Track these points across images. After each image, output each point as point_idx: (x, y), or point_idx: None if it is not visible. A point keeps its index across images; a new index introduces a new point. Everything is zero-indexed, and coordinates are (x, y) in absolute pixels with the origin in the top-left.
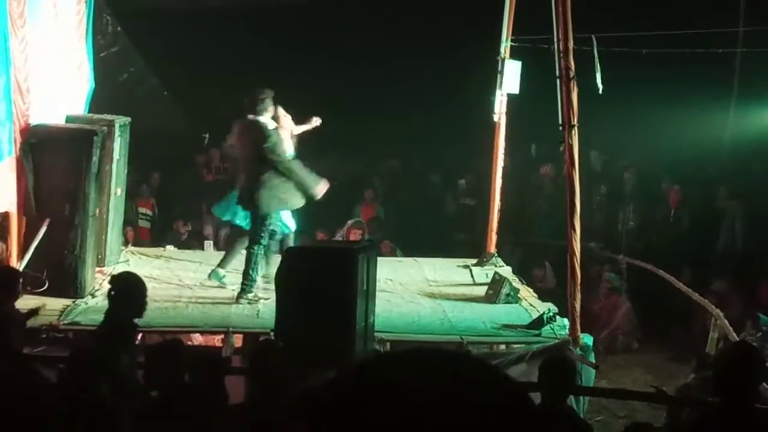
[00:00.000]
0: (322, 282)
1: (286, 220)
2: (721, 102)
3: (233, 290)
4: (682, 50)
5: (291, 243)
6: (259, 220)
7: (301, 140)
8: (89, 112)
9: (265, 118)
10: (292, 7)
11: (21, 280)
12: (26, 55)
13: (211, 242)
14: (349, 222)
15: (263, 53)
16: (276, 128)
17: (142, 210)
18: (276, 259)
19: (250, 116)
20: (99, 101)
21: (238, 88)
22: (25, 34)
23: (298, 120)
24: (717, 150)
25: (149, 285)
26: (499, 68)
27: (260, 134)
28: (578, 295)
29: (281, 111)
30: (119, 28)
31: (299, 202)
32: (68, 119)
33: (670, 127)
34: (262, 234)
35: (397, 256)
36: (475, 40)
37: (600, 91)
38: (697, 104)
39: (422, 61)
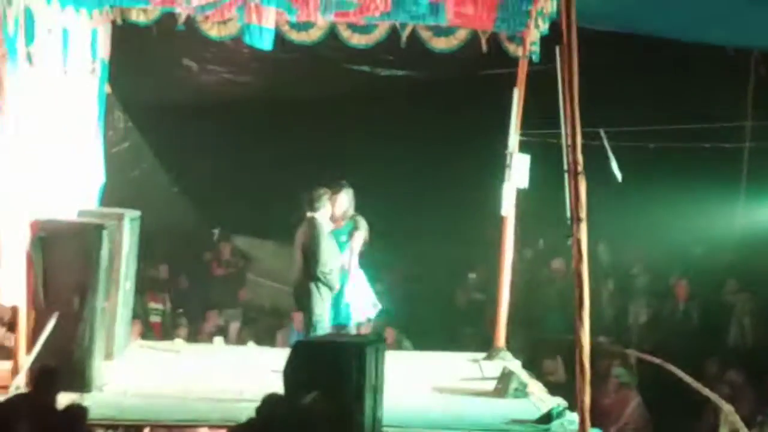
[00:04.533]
0: (330, 377)
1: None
2: (730, 195)
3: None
4: (689, 144)
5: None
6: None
7: None
8: (101, 206)
9: (321, 216)
10: (298, 101)
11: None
12: (36, 149)
13: (222, 337)
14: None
15: (270, 147)
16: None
17: (153, 305)
18: None
19: (308, 213)
20: (110, 196)
21: (246, 181)
22: (36, 129)
23: None
24: (726, 243)
25: (158, 379)
26: (508, 162)
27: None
28: (587, 390)
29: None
30: (130, 124)
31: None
32: (80, 214)
33: (679, 220)
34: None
35: (403, 345)
36: (484, 133)
37: (619, 180)
38: (706, 198)
39: (430, 155)
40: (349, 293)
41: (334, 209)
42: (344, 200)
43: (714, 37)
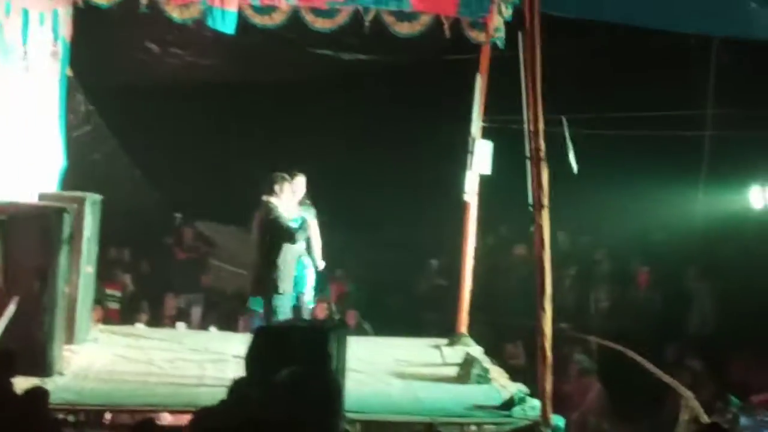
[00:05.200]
0: (292, 362)
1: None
2: (692, 183)
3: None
4: (652, 133)
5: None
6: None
7: None
8: (61, 190)
9: (277, 200)
10: (263, 84)
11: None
12: None
13: (184, 322)
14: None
15: (233, 130)
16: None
17: (110, 291)
18: None
19: (264, 197)
20: (71, 180)
21: (209, 166)
22: None
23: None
24: (687, 231)
25: (119, 363)
26: (470, 148)
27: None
28: (549, 377)
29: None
30: (91, 107)
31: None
32: (41, 197)
33: (640, 208)
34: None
35: (365, 329)
36: (448, 119)
37: (575, 171)
38: (668, 186)
39: (393, 140)
40: (309, 279)
41: (294, 194)
42: (302, 186)
43: (676, 25)
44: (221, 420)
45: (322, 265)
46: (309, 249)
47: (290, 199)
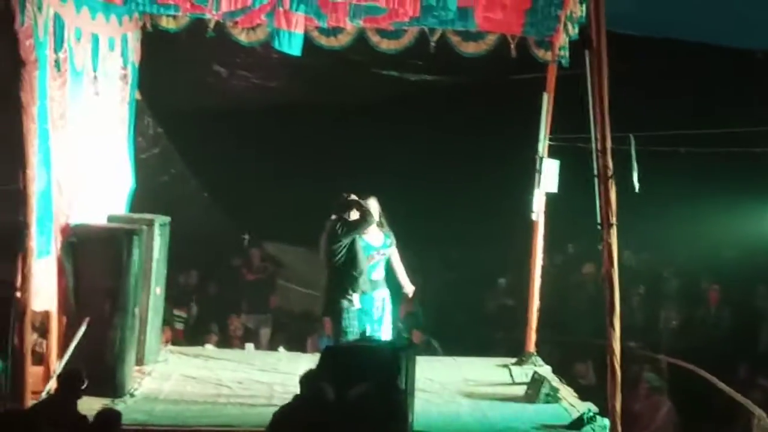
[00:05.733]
0: (361, 381)
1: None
2: (762, 200)
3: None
4: (721, 149)
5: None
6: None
7: None
8: (130, 212)
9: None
10: (328, 106)
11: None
12: (67, 154)
13: (252, 343)
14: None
15: (300, 152)
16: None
17: (177, 312)
18: None
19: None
20: (140, 202)
21: (276, 187)
22: (67, 133)
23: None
24: (758, 248)
25: (188, 384)
26: (537, 167)
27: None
28: (618, 395)
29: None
30: (160, 129)
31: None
32: (110, 219)
33: (711, 225)
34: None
35: (434, 348)
36: (514, 138)
37: (636, 190)
38: (738, 202)
39: (460, 161)
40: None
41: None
42: (374, 208)
43: (743, 42)
44: (298, 415)
45: (410, 288)
46: (389, 277)
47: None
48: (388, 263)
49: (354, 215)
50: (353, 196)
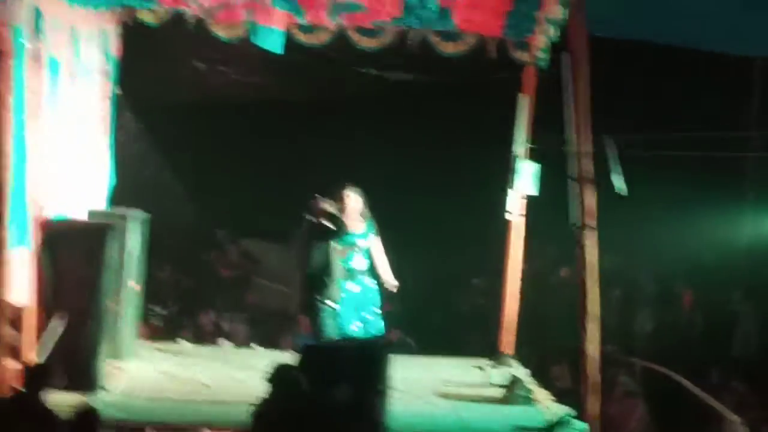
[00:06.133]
0: (341, 381)
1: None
2: (737, 205)
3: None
4: (698, 153)
5: None
6: None
7: None
8: (111, 207)
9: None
10: (307, 103)
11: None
12: (44, 146)
13: (225, 339)
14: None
15: (278, 149)
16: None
17: (152, 307)
18: None
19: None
20: (120, 197)
21: (254, 183)
22: (43, 126)
23: None
24: (732, 253)
25: (164, 380)
26: (513, 167)
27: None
28: (593, 398)
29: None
30: (139, 124)
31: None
32: (90, 214)
33: (686, 229)
34: None
35: (409, 345)
36: (493, 139)
37: (623, 194)
38: (713, 207)
39: (437, 160)
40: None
41: (348, 208)
42: (355, 199)
43: (719, 45)
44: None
45: (393, 282)
46: (372, 267)
47: (348, 215)
48: (369, 254)
49: (326, 221)
50: (325, 206)
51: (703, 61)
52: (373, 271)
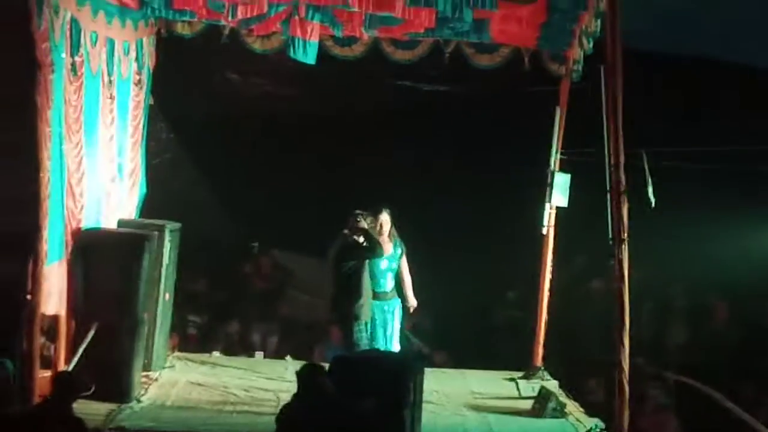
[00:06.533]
0: (371, 393)
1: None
2: None
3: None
4: (733, 167)
5: None
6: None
7: None
8: (141, 217)
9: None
10: (341, 115)
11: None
12: (80, 159)
13: (262, 352)
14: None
15: (311, 161)
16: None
17: (191, 318)
18: None
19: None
20: (151, 207)
21: (287, 195)
22: (80, 139)
23: None
24: (767, 266)
25: (195, 391)
26: (549, 181)
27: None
28: (626, 412)
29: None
30: (172, 135)
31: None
32: (120, 224)
33: (720, 241)
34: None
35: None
36: (526, 151)
37: (652, 206)
38: (748, 219)
39: (472, 172)
40: (397, 324)
41: (382, 230)
42: (385, 220)
43: (759, 58)
44: (301, 408)
45: (413, 302)
46: (398, 287)
47: (382, 236)
48: (398, 274)
49: (361, 240)
50: (363, 224)
51: (742, 74)
52: (399, 290)
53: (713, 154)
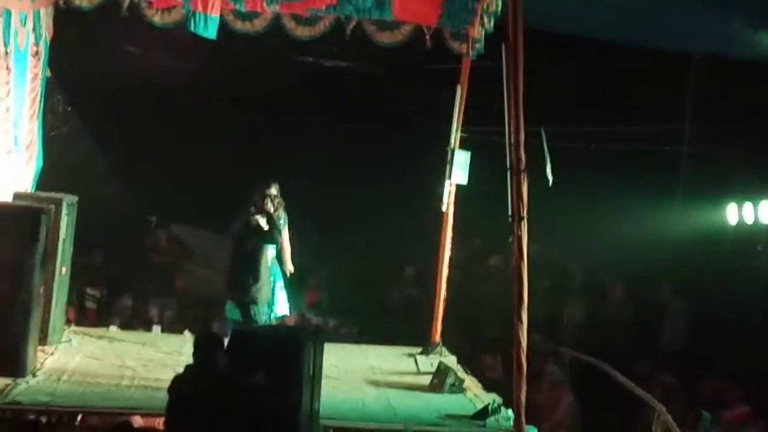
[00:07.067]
0: (268, 367)
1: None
2: (668, 199)
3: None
4: (629, 147)
5: None
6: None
7: None
8: (37, 190)
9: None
10: (241, 90)
11: None
12: None
13: (159, 326)
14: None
15: (209, 135)
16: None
17: (89, 291)
18: None
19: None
20: (48, 180)
21: (185, 169)
22: None
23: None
24: (662, 246)
25: (92, 365)
26: (449, 158)
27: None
28: (524, 387)
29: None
30: (70, 108)
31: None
32: (15, 197)
33: (617, 221)
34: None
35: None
36: (426, 129)
37: (551, 184)
38: (644, 200)
39: (371, 149)
40: (279, 287)
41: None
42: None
43: (656, 41)
44: (192, 380)
45: (291, 268)
46: (278, 255)
47: (272, 209)
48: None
49: (264, 223)
50: (269, 206)
51: (640, 57)
52: (279, 258)
53: (613, 134)
